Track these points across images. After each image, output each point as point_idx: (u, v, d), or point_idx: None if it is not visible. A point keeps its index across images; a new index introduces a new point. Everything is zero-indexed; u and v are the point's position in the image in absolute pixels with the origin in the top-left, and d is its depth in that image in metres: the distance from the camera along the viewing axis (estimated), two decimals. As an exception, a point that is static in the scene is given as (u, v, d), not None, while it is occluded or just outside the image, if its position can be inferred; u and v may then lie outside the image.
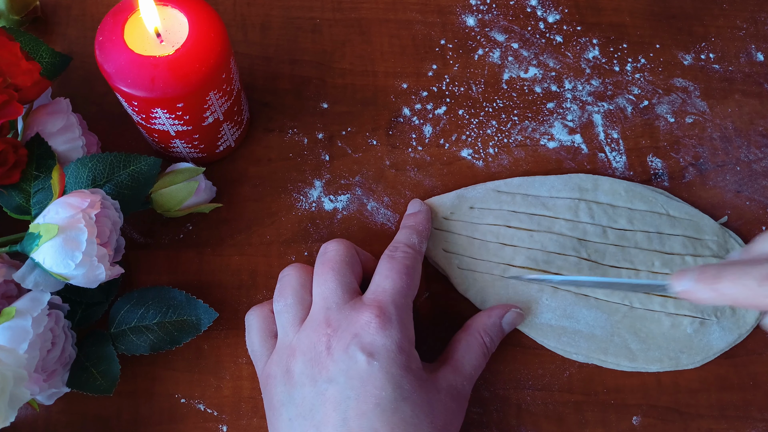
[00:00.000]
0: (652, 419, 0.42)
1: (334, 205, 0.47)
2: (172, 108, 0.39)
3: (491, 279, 0.43)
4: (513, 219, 0.44)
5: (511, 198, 0.45)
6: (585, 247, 0.43)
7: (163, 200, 0.42)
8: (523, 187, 0.45)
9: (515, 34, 0.53)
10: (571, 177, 0.46)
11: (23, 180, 0.39)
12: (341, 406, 0.34)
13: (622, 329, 0.42)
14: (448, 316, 0.44)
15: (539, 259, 0.43)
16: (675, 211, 0.45)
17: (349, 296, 0.37)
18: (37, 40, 0.44)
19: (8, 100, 0.37)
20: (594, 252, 0.43)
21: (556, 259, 0.43)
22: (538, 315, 0.42)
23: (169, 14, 0.40)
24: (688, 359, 0.42)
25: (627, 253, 0.43)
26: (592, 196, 0.45)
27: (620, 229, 0.44)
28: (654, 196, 0.45)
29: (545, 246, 0.43)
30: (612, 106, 0.50)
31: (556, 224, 0.44)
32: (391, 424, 0.33)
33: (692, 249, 0.44)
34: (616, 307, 0.42)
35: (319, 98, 0.50)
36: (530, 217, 0.44)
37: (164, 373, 0.42)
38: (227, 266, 0.45)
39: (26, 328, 0.35)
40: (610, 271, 0.43)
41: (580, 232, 0.44)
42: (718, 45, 0.53)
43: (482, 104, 0.50)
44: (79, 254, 0.35)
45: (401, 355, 0.35)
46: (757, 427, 0.42)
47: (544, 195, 0.45)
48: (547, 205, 0.44)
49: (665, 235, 0.44)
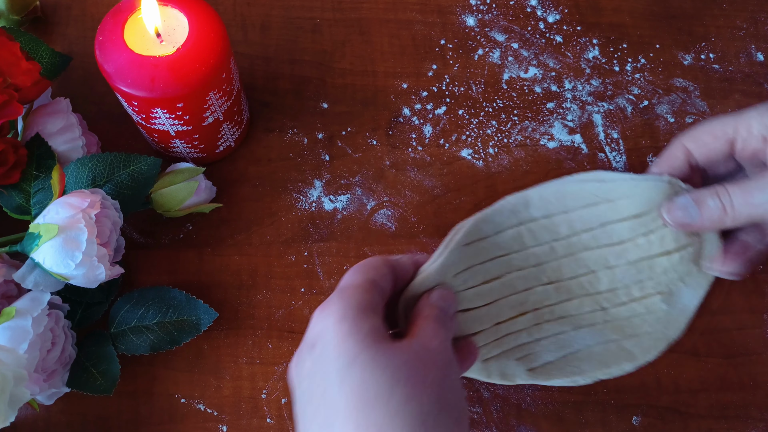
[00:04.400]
0: (652, 419, 0.42)
1: (334, 205, 0.47)
2: (172, 108, 0.39)
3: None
4: (481, 271, 0.40)
5: (474, 250, 0.40)
6: (543, 272, 0.41)
7: (163, 200, 0.42)
8: (473, 234, 0.40)
9: (515, 34, 0.53)
10: (503, 204, 0.41)
11: (23, 180, 0.39)
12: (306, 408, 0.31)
13: (610, 334, 0.41)
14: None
15: (517, 302, 0.40)
16: (611, 193, 0.41)
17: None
18: (37, 40, 0.44)
19: (8, 100, 0.37)
20: (552, 272, 0.41)
21: (529, 296, 0.40)
22: (537, 359, 0.40)
23: (169, 14, 0.40)
24: (674, 331, 0.41)
25: (579, 259, 0.41)
26: (527, 216, 0.41)
27: (564, 238, 0.41)
28: (582, 187, 0.41)
29: (516, 287, 0.40)
30: (612, 106, 0.50)
31: (512, 261, 0.41)
32: (345, 395, 0.29)
33: (642, 228, 0.41)
34: (592, 315, 0.41)
35: (319, 98, 0.50)
36: (492, 263, 0.40)
37: (164, 373, 0.42)
38: (227, 266, 0.45)
39: (26, 328, 0.35)
40: (573, 284, 0.41)
41: (533, 258, 0.41)
42: (718, 45, 0.53)
43: (482, 104, 0.50)
44: (79, 254, 0.35)
45: (343, 324, 0.30)
46: (757, 427, 0.42)
47: (491, 233, 0.40)
48: (499, 245, 0.40)
49: (610, 225, 0.41)
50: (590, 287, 0.41)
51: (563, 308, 0.41)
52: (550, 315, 0.41)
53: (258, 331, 0.43)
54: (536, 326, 0.41)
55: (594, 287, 0.41)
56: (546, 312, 0.41)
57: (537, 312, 0.41)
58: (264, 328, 0.43)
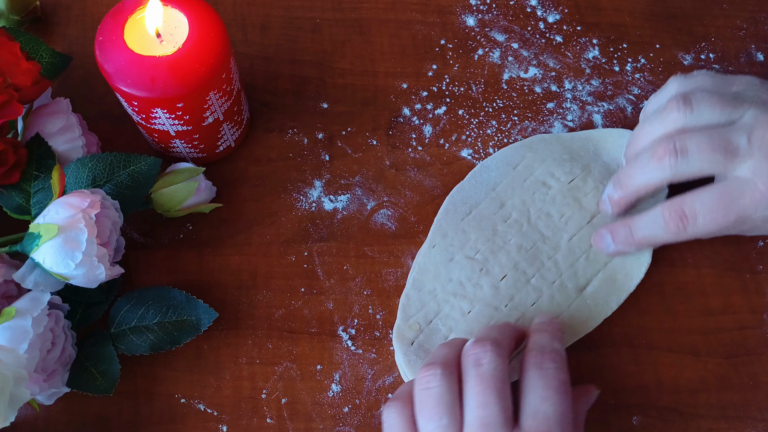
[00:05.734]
0: (652, 419, 0.42)
1: (334, 205, 0.47)
2: (172, 108, 0.39)
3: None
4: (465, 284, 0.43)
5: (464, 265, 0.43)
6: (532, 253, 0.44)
7: (163, 200, 0.42)
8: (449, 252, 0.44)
9: (515, 34, 0.53)
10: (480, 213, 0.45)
11: (23, 180, 0.39)
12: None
13: (571, 284, 0.43)
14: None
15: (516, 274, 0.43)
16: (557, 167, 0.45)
17: (508, 423, 0.33)
18: (37, 40, 0.44)
19: (8, 100, 0.37)
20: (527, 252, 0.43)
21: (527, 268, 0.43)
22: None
23: (169, 14, 0.40)
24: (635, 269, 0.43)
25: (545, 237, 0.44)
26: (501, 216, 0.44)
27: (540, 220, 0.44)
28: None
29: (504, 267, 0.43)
30: (612, 106, 0.50)
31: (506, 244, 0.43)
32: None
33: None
34: (554, 285, 0.43)
35: (319, 98, 0.50)
36: (471, 261, 0.43)
37: (164, 373, 0.42)
38: (227, 266, 0.45)
39: (26, 328, 0.35)
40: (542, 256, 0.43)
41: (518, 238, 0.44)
42: (718, 45, 0.53)
43: (482, 104, 0.50)
44: (79, 254, 0.35)
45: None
46: (757, 427, 0.42)
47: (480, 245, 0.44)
48: (495, 243, 0.44)
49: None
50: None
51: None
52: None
53: (258, 331, 0.43)
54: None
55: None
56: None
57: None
58: (264, 328, 0.43)
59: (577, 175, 0.45)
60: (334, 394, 0.41)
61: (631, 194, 0.42)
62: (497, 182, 0.45)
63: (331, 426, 0.41)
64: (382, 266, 0.45)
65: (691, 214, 0.39)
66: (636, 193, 0.41)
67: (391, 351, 0.42)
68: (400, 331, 0.41)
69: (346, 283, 0.44)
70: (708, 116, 0.39)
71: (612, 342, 0.43)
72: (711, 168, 0.38)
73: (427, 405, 0.34)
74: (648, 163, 0.40)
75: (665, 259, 0.45)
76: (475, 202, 0.45)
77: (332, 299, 0.44)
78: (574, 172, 0.45)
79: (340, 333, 0.43)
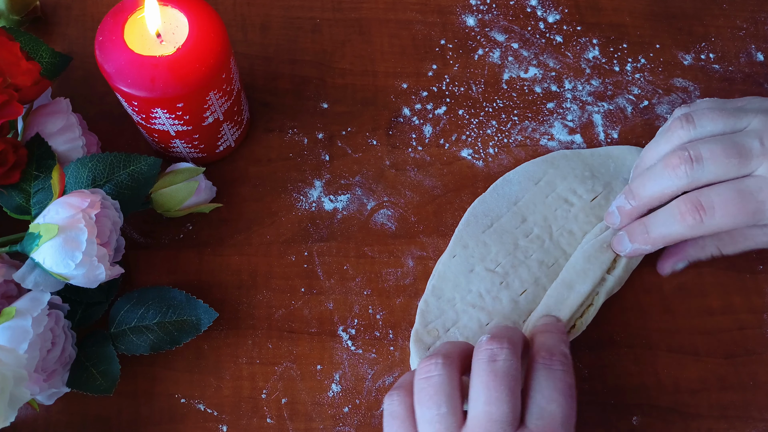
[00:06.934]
0: (652, 419, 0.42)
1: (334, 205, 0.47)
2: (172, 108, 0.39)
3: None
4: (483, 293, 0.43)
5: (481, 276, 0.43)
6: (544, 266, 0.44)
7: (163, 200, 0.42)
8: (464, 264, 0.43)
9: (515, 34, 0.53)
10: (497, 230, 0.44)
11: (23, 180, 0.39)
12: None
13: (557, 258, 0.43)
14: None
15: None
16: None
17: (515, 423, 0.33)
18: (37, 40, 0.44)
19: (8, 100, 0.37)
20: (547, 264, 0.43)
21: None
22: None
23: (169, 14, 0.40)
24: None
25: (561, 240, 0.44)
26: (523, 231, 0.44)
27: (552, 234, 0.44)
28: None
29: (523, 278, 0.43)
30: (612, 106, 0.50)
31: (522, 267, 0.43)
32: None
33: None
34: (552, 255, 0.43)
35: (319, 98, 0.50)
36: (491, 273, 0.43)
37: (164, 373, 0.42)
38: (227, 266, 0.45)
39: (26, 328, 0.35)
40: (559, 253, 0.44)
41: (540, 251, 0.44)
42: (718, 45, 0.53)
43: (482, 104, 0.50)
44: (79, 254, 0.35)
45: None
46: (757, 427, 0.42)
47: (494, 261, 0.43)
48: (504, 264, 0.44)
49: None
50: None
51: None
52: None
53: (258, 331, 0.43)
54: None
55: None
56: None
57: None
58: (264, 328, 0.43)
59: (599, 193, 0.45)
60: (334, 394, 0.41)
61: (644, 205, 0.41)
62: (519, 197, 0.45)
63: (331, 426, 0.41)
64: (382, 266, 0.45)
65: (708, 205, 0.38)
66: (649, 203, 0.41)
67: (391, 351, 0.43)
68: (418, 335, 0.41)
69: (346, 283, 0.44)
70: (711, 128, 0.40)
71: (612, 342, 0.43)
72: (726, 172, 0.38)
73: (426, 393, 0.34)
74: (662, 173, 0.40)
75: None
76: (497, 215, 0.44)
77: (332, 299, 0.44)
78: (596, 190, 0.45)
79: (340, 333, 0.43)
